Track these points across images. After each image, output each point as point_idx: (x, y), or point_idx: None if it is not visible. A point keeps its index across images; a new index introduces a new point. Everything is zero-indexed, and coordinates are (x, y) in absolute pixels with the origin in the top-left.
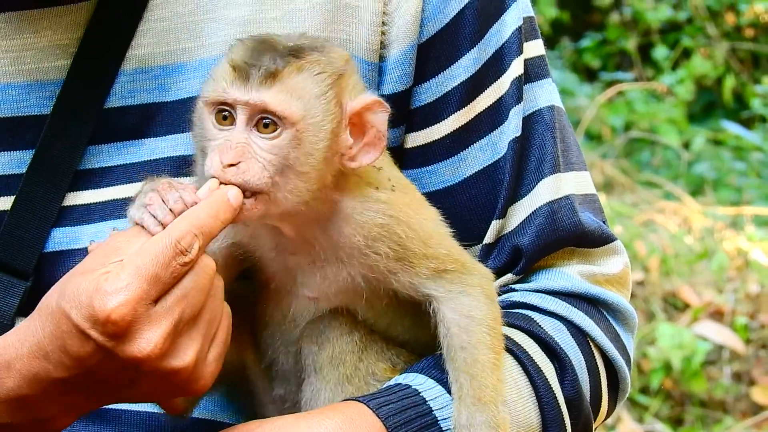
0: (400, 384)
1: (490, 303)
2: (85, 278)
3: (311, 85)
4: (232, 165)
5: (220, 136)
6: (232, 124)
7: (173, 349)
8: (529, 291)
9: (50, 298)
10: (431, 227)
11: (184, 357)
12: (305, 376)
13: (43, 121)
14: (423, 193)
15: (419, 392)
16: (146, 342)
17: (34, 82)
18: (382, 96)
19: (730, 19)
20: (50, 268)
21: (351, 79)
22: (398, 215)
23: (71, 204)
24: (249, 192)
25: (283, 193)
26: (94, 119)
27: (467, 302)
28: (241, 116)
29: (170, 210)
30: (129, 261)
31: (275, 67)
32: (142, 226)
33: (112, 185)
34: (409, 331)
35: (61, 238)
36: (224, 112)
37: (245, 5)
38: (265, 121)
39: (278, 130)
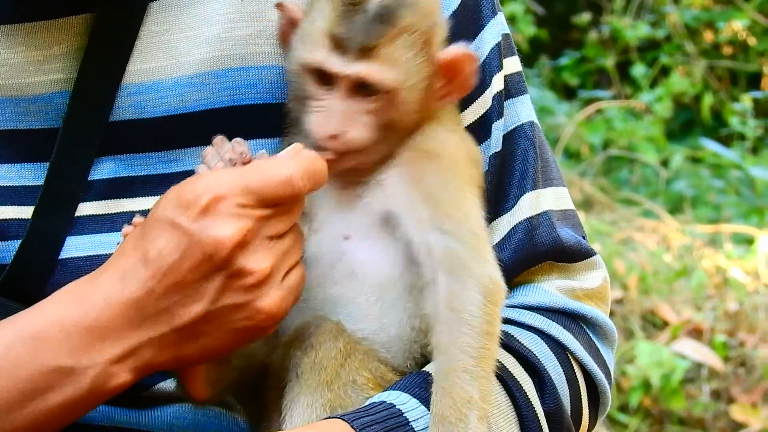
0: (384, 402)
1: (484, 301)
2: (174, 187)
3: (405, 51)
4: (335, 136)
5: (321, 97)
6: (331, 87)
7: (251, 250)
8: (507, 306)
9: (132, 232)
10: (473, 197)
11: (260, 262)
12: (288, 380)
13: (17, 136)
14: None
15: (402, 413)
16: (228, 227)
17: (6, 98)
18: None
19: (708, 36)
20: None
21: (440, 29)
22: (452, 154)
23: None
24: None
25: (380, 145)
26: (102, 132)
27: (457, 290)
28: (341, 85)
29: (221, 159)
30: (240, 169)
31: (372, 41)
32: None
33: (90, 200)
34: (400, 329)
35: None
36: (324, 77)
37: (219, 23)
38: (363, 89)
39: (376, 96)
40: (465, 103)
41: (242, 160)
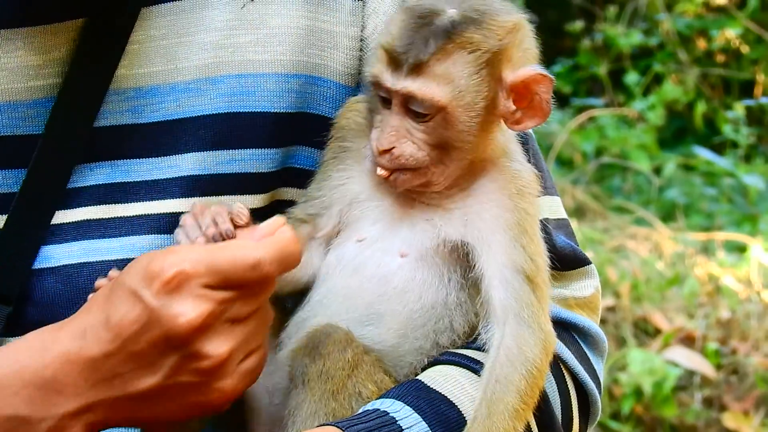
0: (377, 410)
1: (544, 355)
2: (148, 252)
3: (461, 67)
4: (387, 150)
5: (381, 113)
6: (389, 105)
7: (211, 334)
8: None
9: (103, 288)
10: (540, 238)
11: (218, 347)
12: (293, 387)
13: (16, 142)
14: None
15: (396, 420)
16: (190, 309)
17: (6, 103)
18: None
19: (701, 44)
20: (23, 287)
21: (514, 50)
22: (536, 190)
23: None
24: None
25: (442, 166)
26: (85, 139)
27: (527, 337)
28: (395, 100)
29: (203, 233)
30: (210, 247)
31: (423, 57)
32: None
33: (86, 206)
34: (425, 343)
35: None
36: (381, 94)
37: (218, 30)
38: (416, 106)
39: (429, 113)
40: None
41: (225, 237)
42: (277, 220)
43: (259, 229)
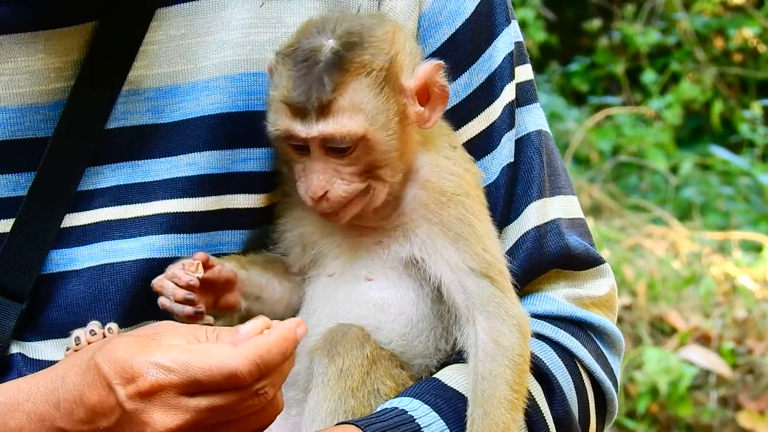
0: (396, 408)
1: (522, 339)
2: (129, 340)
3: (364, 93)
4: (321, 197)
5: (300, 161)
6: (307, 151)
7: None
8: None
9: (82, 353)
10: (491, 226)
11: None
12: (312, 386)
13: (37, 144)
14: None
15: (414, 419)
16: (162, 421)
17: (27, 106)
18: None
19: (718, 44)
20: (47, 290)
21: (404, 56)
22: (469, 191)
23: (66, 226)
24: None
25: (377, 185)
26: (95, 141)
27: (500, 328)
28: (313, 146)
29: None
30: (187, 351)
31: (326, 97)
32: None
33: (105, 206)
34: (424, 353)
35: (57, 260)
36: (296, 143)
37: (237, 28)
38: (336, 144)
39: (351, 147)
40: (471, 114)
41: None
42: (257, 324)
43: (241, 333)
